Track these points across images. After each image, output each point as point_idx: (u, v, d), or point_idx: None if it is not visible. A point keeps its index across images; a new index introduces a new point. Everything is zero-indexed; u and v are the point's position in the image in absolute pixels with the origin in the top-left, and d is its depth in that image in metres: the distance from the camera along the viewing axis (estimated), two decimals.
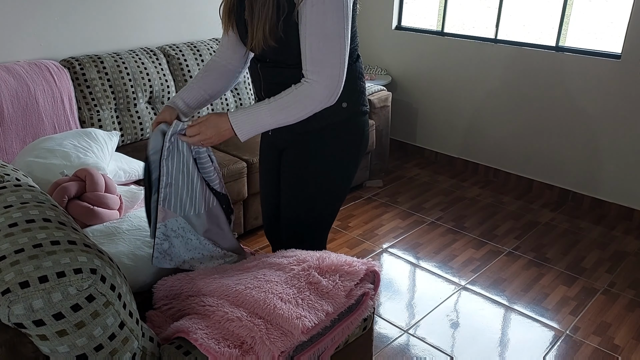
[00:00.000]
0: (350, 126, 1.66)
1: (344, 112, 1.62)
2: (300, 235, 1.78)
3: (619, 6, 3.28)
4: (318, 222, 1.76)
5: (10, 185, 1.41)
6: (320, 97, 1.47)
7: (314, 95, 1.47)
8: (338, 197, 1.75)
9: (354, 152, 1.71)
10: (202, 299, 1.44)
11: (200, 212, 1.65)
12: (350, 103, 1.63)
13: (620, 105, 3.19)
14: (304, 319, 1.34)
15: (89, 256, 1.14)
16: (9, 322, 1.04)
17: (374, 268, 1.56)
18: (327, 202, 1.74)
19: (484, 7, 3.93)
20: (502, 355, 2.21)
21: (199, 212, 1.65)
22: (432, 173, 3.97)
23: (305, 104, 1.48)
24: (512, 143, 3.72)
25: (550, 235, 3.14)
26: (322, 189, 1.71)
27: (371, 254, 2.90)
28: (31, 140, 2.49)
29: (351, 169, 1.72)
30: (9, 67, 2.50)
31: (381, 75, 4.22)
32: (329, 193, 1.72)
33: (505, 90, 3.64)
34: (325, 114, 1.56)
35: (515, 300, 2.55)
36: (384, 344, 2.24)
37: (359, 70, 1.66)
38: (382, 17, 4.16)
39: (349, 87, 1.59)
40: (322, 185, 1.70)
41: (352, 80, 1.62)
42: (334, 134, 1.65)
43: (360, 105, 1.67)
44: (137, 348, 1.19)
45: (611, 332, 2.35)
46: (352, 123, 1.66)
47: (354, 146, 1.70)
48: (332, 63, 1.44)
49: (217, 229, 1.70)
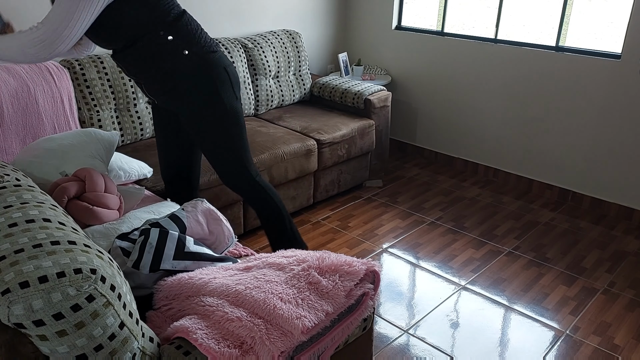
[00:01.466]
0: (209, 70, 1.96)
1: (190, 57, 1.93)
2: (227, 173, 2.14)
3: (619, 6, 3.29)
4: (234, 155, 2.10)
5: (10, 185, 1.41)
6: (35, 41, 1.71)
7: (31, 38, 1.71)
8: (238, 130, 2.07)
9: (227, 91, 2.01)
10: (202, 299, 1.44)
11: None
12: (190, 48, 1.93)
13: (620, 105, 3.19)
14: (304, 319, 1.34)
15: (89, 256, 1.14)
16: (9, 322, 1.04)
17: (374, 268, 1.56)
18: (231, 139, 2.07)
19: (484, 7, 3.93)
20: (502, 355, 2.21)
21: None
22: (432, 173, 3.97)
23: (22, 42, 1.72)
24: (512, 143, 3.72)
25: (550, 235, 3.14)
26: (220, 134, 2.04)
27: (371, 254, 2.90)
28: (31, 140, 2.49)
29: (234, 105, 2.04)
30: (9, 67, 2.50)
31: (381, 75, 4.22)
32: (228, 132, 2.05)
33: (505, 90, 3.64)
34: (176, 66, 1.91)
35: (515, 300, 2.55)
36: (384, 344, 2.24)
37: (187, 24, 1.94)
38: (382, 17, 4.16)
39: (182, 39, 1.91)
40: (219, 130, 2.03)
41: (184, 33, 1.92)
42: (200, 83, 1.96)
43: (203, 47, 1.96)
44: (137, 348, 1.19)
45: (611, 332, 2.35)
46: (208, 66, 1.96)
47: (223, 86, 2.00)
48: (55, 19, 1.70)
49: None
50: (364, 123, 3.43)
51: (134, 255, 1.57)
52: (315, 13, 4.15)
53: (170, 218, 1.73)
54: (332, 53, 4.41)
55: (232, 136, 2.07)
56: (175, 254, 1.61)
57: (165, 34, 1.88)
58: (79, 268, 1.09)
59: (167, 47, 1.89)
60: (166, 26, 1.88)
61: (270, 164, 2.90)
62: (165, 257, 1.59)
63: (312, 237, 3.04)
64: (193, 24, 1.97)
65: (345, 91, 3.59)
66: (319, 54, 4.30)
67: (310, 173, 3.21)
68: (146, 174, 2.49)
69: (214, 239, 1.82)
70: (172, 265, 1.59)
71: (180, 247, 1.62)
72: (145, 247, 1.58)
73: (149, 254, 1.57)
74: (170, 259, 1.59)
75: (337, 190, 3.46)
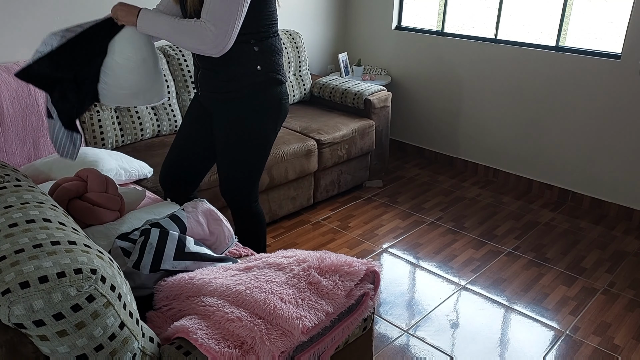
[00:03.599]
0: (267, 94, 1.97)
1: (259, 75, 1.93)
2: (232, 189, 2.12)
3: (619, 6, 3.29)
4: (246, 177, 2.10)
5: (11, 185, 1.41)
6: (207, 41, 1.75)
7: (203, 37, 1.75)
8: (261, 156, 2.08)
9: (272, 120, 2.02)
10: (202, 300, 1.44)
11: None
12: (264, 67, 1.94)
13: (620, 105, 3.19)
14: (304, 319, 1.34)
15: (89, 256, 1.14)
16: (9, 322, 1.04)
17: (374, 268, 1.56)
18: (251, 162, 2.07)
19: (484, 7, 3.93)
20: (502, 355, 2.21)
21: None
22: (432, 173, 3.97)
23: (194, 38, 1.76)
24: (512, 143, 3.72)
25: (550, 235, 3.14)
26: (245, 153, 2.03)
27: (371, 254, 2.90)
28: (31, 140, 2.50)
29: (270, 135, 2.05)
30: (9, 67, 2.51)
31: (381, 75, 4.22)
32: (252, 155, 2.05)
33: (505, 90, 3.65)
34: (243, 75, 1.91)
35: (515, 300, 2.55)
36: (384, 344, 2.24)
37: (275, 45, 1.98)
38: (382, 17, 4.16)
39: (264, 55, 1.93)
40: (245, 149, 2.02)
41: (269, 51, 1.95)
42: (252, 101, 1.96)
43: (274, 72, 1.97)
44: (137, 348, 1.19)
45: (611, 332, 2.35)
46: (268, 91, 1.97)
47: (271, 115, 2.01)
48: (224, 20, 1.73)
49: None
50: (364, 123, 3.43)
51: (135, 256, 1.57)
52: (315, 13, 4.15)
53: (171, 218, 1.73)
54: (332, 53, 4.41)
55: (253, 161, 2.07)
56: (176, 254, 1.61)
57: (254, 43, 1.91)
58: (80, 268, 1.09)
59: (249, 55, 1.90)
60: (260, 38, 1.92)
61: (271, 164, 2.90)
62: (166, 257, 1.59)
63: (312, 237, 3.05)
64: (280, 49, 2.00)
65: (346, 91, 3.59)
66: (319, 54, 4.30)
67: (311, 173, 3.21)
68: (146, 174, 2.49)
69: (214, 239, 1.82)
70: (172, 266, 1.59)
71: (180, 248, 1.62)
72: (146, 247, 1.58)
73: (150, 254, 1.57)
74: (170, 259, 1.59)
75: (337, 190, 3.46)
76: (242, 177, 2.09)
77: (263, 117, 2.00)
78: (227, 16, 1.73)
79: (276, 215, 3.10)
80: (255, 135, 2.01)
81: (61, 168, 2.28)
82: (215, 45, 1.76)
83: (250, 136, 2.00)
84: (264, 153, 2.08)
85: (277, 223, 3.18)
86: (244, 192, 2.12)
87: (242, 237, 2.21)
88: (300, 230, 3.11)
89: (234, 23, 1.75)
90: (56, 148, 1.89)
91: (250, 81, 1.93)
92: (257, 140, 2.02)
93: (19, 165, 2.45)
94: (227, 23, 1.74)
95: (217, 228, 1.82)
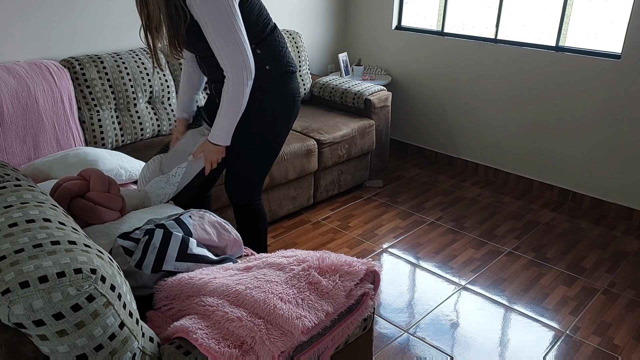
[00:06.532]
0: (281, 91, 2.03)
1: (270, 73, 1.99)
2: (237, 183, 2.15)
3: (619, 6, 3.29)
4: (253, 172, 2.14)
5: (10, 185, 1.41)
6: (240, 80, 1.86)
7: (236, 82, 1.86)
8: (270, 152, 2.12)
9: (286, 116, 2.08)
10: (202, 299, 1.44)
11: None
12: (272, 65, 2.00)
13: (620, 105, 3.19)
14: (304, 319, 1.34)
15: (89, 256, 1.14)
16: (9, 322, 1.04)
17: (374, 268, 1.56)
18: (260, 157, 2.11)
19: (484, 7, 3.93)
20: (502, 355, 2.21)
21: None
22: (432, 173, 3.97)
23: (237, 91, 1.87)
24: (512, 143, 3.72)
25: (550, 235, 3.14)
26: (256, 147, 2.07)
27: (371, 254, 2.90)
28: (31, 141, 2.49)
29: (282, 132, 2.10)
30: (9, 67, 2.50)
31: (381, 75, 4.22)
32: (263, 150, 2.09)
33: (505, 90, 3.64)
34: (254, 79, 1.92)
35: (515, 300, 2.55)
36: (384, 344, 2.24)
37: (276, 39, 2.02)
38: (382, 17, 4.16)
39: (268, 54, 1.98)
40: (257, 144, 2.06)
41: (271, 48, 2.00)
42: (267, 99, 2.01)
43: (283, 66, 2.03)
44: (137, 348, 1.19)
45: (611, 332, 2.35)
46: (282, 87, 2.03)
47: (286, 111, 2.07)
48: (235, 52, 1.83)
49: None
50: (364, 123, 3.43)
51: (137, 255, 1.57)
52: (315, 13, 4.15)
53: (176, 222, 1.72)
54: (332, 53, 4.41)
55: (261, 158, 2.10)
56: (178, 255, 1.61)
57: (255, 47, 1.95)
58: (79, 268, 1.09)
59: (254, 60, 1.93)
60: (259, 41, 1.96)
61: None
62: (168, 258, 1.59)
63: (312, 237, 3.05)
64: (281, 41, 2.04)
65: (346, 91, 3.59)
66: (319, 54, 4.30)
67: (311, 173, 3.21)
68: None
69: (223, 247, 1.81)
70: (174, 267, 1.59)
71: (183, 249, 1.62)
72: (149, 247, 1.58)
73: (152, 255, 1.57)
74: (172, 260, 1.59)
75: (338, 190, 3.46)
76: (246, 174, 2.12)
77: (275, 114, 2.05)
78: (233, 52, 1.82)
79: (276, 215, 3.10)
80: (266, 134, 2.06)
81: (61, 168, 2.28)
82: (246, 75, 1.86)
83: (260, 133, 2.05)
84: (274, 152, 2.12)
85: (277, 223, 3.18)
86: (247, 187, 2.15)
87: (242, 235, 2.21)
88: (300, 230, 3.11)
89: (242, 48, 1.83)
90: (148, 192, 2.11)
91: (263, 82, 1.98)
92: (267, 138, 2.07)
93: (18, 164, 2.45)
94: (237, 54, 1.82)
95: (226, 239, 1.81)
